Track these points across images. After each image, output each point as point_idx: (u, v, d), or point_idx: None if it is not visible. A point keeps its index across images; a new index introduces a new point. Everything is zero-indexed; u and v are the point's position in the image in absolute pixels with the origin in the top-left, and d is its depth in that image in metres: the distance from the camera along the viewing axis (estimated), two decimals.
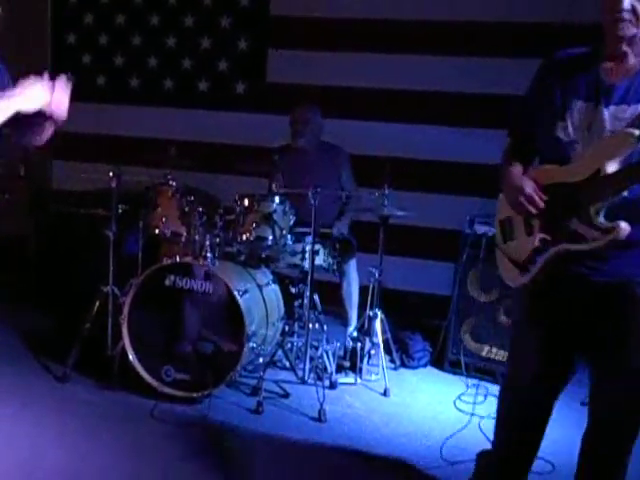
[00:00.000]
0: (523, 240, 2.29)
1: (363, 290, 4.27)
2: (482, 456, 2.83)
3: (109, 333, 3.72)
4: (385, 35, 5.03)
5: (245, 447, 3.11)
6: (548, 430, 3.43)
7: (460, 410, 3.61)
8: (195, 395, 3.44)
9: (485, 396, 3.76)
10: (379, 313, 3.99)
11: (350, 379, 3.93)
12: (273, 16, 5.29)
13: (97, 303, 3.70)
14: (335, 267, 4.06)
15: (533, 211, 2.19)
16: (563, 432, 3.03)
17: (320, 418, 3.39)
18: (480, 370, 4.05)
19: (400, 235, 4.49)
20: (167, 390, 3.47)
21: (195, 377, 3.47)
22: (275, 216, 3.71)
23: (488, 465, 2.70)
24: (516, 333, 2.49)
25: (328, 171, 4.33)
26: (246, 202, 3.74)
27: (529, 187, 2.20)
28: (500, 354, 3.95)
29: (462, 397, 3.76)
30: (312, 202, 3.63)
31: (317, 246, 3.77)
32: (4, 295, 4.74)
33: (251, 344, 3.45)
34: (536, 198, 2.17)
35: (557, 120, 2.16)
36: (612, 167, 2.01)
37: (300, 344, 3.94)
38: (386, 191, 3.86)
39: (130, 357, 3.52)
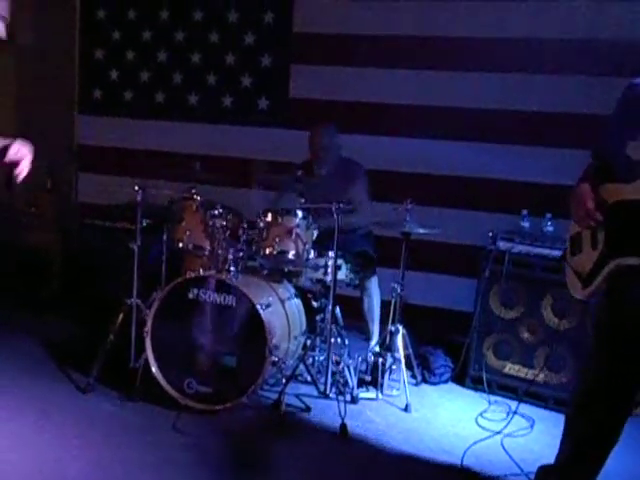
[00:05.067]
0: (588, 253, 2.41)
1: (385, 305, 4.27)
2: (542, 471, 2.75)
3: (132, 345, 3.76)
4: (407, 52, 5.05)
5: (266, 461, 3.11)
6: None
7: (482, 427, 3.58)
8: (217, 408, 3.45)
9: (507, 414, 3.73)
10: (401, 328, 3.98)
11: (371, 394, 3.92)
12: (296, 33, 5.35)
13: (121, 315, 3.73)
14: (357, 282, 4.07)
15: (592, 224, 2.32)
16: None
17: (341, 432, 3.39)
18: (502, 387, 4.02)
19: (422, 250, 4.49)
20: (189, 402, 3.49)
21: (217, 390, 3.49)
22: (298, 230, 3.74)
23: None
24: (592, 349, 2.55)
25: (338, 186, 4.28)
26: (269, 216, 3.78)
27: (590, 202, 2.34)
28: (523, 371, 3.92)
29: (484, 414, 3.73)
30: (334, 216, 3.65)
31: (339, 261, 3.78)
32: (30, 306, 4.83)
33: (273, 358, 3.46)
34: (595, 212, 2.31)
35: (629, 139, 2.29)
36: None
37: (322, 358, 3.94)
38: (408, 206, 3.86)
39: (153, 369, 3.55)
